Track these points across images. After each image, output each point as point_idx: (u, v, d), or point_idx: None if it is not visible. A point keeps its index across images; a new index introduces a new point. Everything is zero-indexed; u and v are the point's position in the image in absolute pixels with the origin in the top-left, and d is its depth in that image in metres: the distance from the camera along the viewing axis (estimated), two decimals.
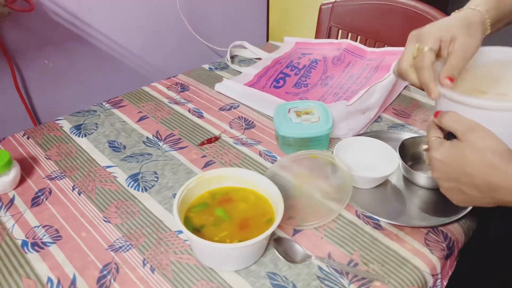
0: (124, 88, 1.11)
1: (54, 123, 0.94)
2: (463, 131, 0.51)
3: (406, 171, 0.76)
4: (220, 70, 1.16)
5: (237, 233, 0.60)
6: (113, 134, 0.90)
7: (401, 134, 0.87)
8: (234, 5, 1.59)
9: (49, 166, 0.81)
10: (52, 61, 1.19)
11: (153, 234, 0.67)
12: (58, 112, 1.11)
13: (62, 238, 0.66)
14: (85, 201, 0.73)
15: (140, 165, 0.81)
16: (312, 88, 1.02)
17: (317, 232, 0.67)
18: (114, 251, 0.64)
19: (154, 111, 0.98)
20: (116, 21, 1.29)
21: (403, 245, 0.65)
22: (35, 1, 1.09)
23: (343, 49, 1.12)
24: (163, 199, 0.73)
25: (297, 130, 0.81)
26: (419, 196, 0.74)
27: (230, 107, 1.00)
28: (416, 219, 0.69)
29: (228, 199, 0.66)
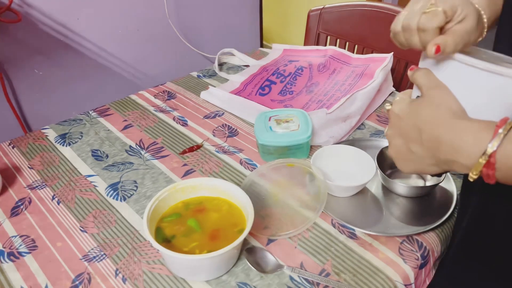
0: (114, 96, 1.12)
1: (40, 132, 0.95)
2: (427, 87, 0.49)
3: (384, 180, 0.76)
4: (208, 77, 1.17)
5: (207, 244, 0.60)
6: (97, 143, 0.91)
7: (382, 141, 0.87)
8: (226, 11, 1.60)
9: (31, 175, 0.82)
10: (41, 70, 1.21)
11: (128, 244, 0.67)
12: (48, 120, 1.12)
13: (37, 248, 0.67)
14: (64, 210, 0.74)
15: (120, 174, 0.82)
16: (297, 96, 1.02)
17: (291, 242, 0.67)
18: (87, 261, 0.64)
19: (139, 120, 0.98)
20: (105, 30, 1.31)
21: (377, 255, 0.65)
22: (23, 12, 1.10)
23: (329, 56, 1.12)
24: (140, 208, 0.74)
25: (276, 139, 0.81)
26: (397, 205, 0.74)
27: (214, 115, 1.00)
28: (392, 228, 0.69)
29: (202, 209, 0.66)
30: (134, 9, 1.34)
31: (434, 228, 0.69)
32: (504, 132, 0.40)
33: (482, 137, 0.41)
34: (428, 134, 0.47)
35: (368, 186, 0.77)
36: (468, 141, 0.43)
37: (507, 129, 0.40)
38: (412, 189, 0.74)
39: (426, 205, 0.74)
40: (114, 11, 1.30)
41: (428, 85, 0.50)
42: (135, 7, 1.34)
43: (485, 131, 0.42)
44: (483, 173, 0.42)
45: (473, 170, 0.42)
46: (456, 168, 0.45)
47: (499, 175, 0.41)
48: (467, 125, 0.44)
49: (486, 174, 0.42)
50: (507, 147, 0.40)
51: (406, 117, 0.50)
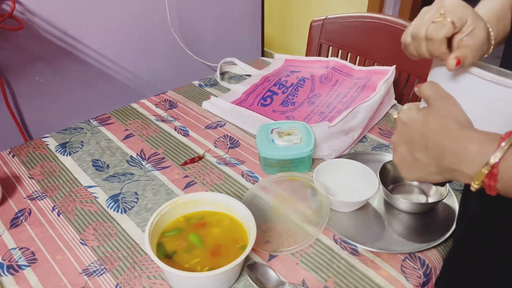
0: (115, 104, 1.11)
1: (40, 140, 0.94)
2: (434, 98, 0.50)
3: (386, 195, 0.75)
4: (209, 86, 1.17)
5: (208, 260, 0.60)
6: (97, 152, 0.90)
7: (384, 155, 0.86)
8: (228, 19, 1.60)
9: (31, 185, 0.81)
10: (42, 77, 1.20)
11: (128, 258, 0.67)
12: (48, 127, 1.12)
13: (37, 261, 0.66)
14: (64, 222, 0.73)
15: (121, 185, 0.81)
16: (298, 107, 1.02)
17: (293, 258, 0.67)
18: (87, 275, 0.64)
19: (140, 129, 0.98)
20: (107, 37, 1.30)
21: (379, 272, 0.64)
22: (25, 19, 1.10)
23: (331, 67, 1.12)
24: (141, 221, 0.73)
25: (279, 152, 0.81)
26: (399, 221, 0.74)
27: (216, 125, 1.00)
28: (394, 245, 0.69)
29: (203, 223, 0.65)
30: (137, 17, 1.34)
31: (436, 245, 0.68)
32: (507, 145, 0.41)
33: (486, 147, 0.42)
34: (434, 142, 0.47)
35: (370, 201, 0.77)
36: (472, 151, 0.43)
37: (511, 142, 0.41)
38: (414, 205, 0.73)
39: (428, 222, 0.73)
40: (117, 19, 1.30)
41: (435, 96, 0.51)
42: (137, 15, 1.34)
43: (489, 142, 0.42)
44: (485, 183, 0.43)
45: (475, 179, 0.43)
46: (459, 177, 0.46)
47: (501, 186, 0.42)
48: (473, 135, 0.45)
49: (487, 184, 0.42)
50: (509, 159, 0.41)
51: (413, 124, 0.51)
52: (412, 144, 0.51)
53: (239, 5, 1.60)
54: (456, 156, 0.45)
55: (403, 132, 0.52)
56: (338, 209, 0.75)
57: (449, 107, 0.49)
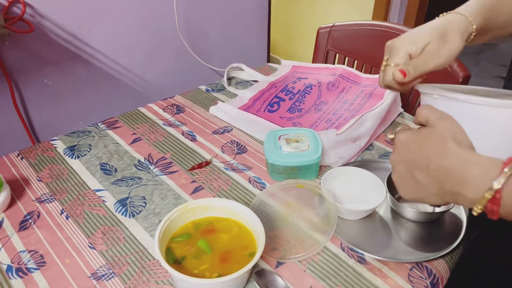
0: (123, 107, 1.12)
1: (48, 143, 0.95)
2: (433, 119, 0.51)
3: (393, 204, 0.76)
4: (216, 92, 1.17)
5: (217, 267, 0.60)
6: (105, 156, 0.91)
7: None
8: (235, 24, 1.61)
9: (40, 188, 0.82)
10: (51, 80, 1.21)
11: (137, 262, 0.67)
12: (56, 130, 1.13)
13: (46, 264, 0.66)
14: (72, 225, 0.74)
15: (129, 190, 0.82)
16: (305, 113, 1.03)
17: (301, 265, 0.67)
18: (96, 279, 0.64)
19: (148, 133, 0.99)
20: (116, 41, 1.31)
21: (386, 281, 0.65)
22: (35, 22, 1.11)
23: (338, 75, 1.12)
24: (149, 226, 0.74)
25: (286, 158, 0.81)
26: (406, 229, 0.74)
27: (223, 131, 1.00)
28: (401, 254, 0.69)
29: (212, 229, 0.66)
30: (145, 21, 1.35)
31: (443, 255, 0.69)
32: (510, 170, 0.41)
33: (489, 172, 0.43)
34: (436, 164, 0.47)
35: (377, 209, 0.77)
36: (476, 175, 0.44)
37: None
38: (421, 214, 0.74)
39: (436, 231, 0.74)
40: (125, 23, 1.31)
41: (434, 117, 0.51)
42: (146, 20, 1.35)
43: (492, 167, 0.43)
44: (487, 208, 0.43)
45: (478, 204, 0.43)
46: (461, 200, 0.46)
47: (503, 211, 0.42)
48: (476, 159, 0.45)
49: (490, 209, 0.43)
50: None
51: (412, 145, 0.51)
52: (412, 164, 0.51)
53: (246, 11, 1.61)
54: (459, 180, 0.45)
55: (402, 152, 0.52)
56: (345, 217, 0.75)
57: (449, 127, 0.49)
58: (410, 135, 0.52)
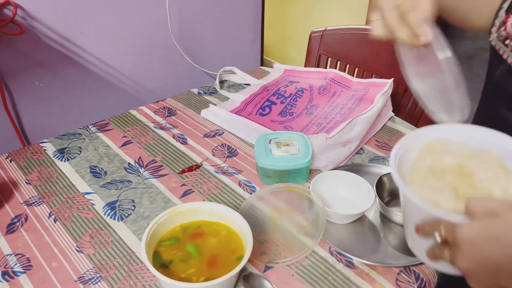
0: (115, 110, 1.12)
1: (38, 146, 0.94)
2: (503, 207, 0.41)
3: (382, 208, 0.76)
4: (208, 95, 1.17)
5: (204, 271, 0.60)
6: (95, 159, 0.91)
7: (382, 168, 0.87)
8: (228, 27, 1.61)
9: (28, 191, 0.81)
10: (42, 82, 1.21)
11: (124, 266, 0.67)
12: (47, 132, 1.12)
13: (32, 267, 0.66)
14: (60, 229, 0.73)
15: (118, 193, 0.81)
16: (296, 117, 1.03)
17: (289, 269, 0.67)
18: (83, 283, 0.64)
19: (138, 136, 0.98)
20: (108, 44, 1.31)
21: (374, 285, 0.65)
22: (26, 24, 1.10)
23: (330, 79, 1.13)
24: (138, 229, 0.74)
25: (276, 162, 0.81)
26: (395, 234, 0.74)
27: (214, 134, 1.00)
28: (389, 258, 0.69)
29: (200, 233, 0.66)
30: (138, 24, 1.35)
31: None
32: None
33: None
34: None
35: (366, 213, 0.77)
36: None
37: None
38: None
39: None
40: (118, 26, 1.30)
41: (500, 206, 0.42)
42: (138, 22, 1.35)
43: None
44: None
45: None
46: None
47: None
48: None
49: None
50: None
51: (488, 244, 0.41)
52: (495, 269, 0.42)
53: (240, 14, 1.62)
54: None
55: (477, 256, 0.42)
56: (334, 221, 0.75)
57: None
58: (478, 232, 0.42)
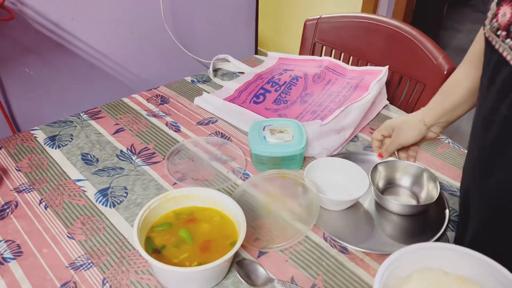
0: (106, 98, 1.10)
1: (29, 133, 0.93)
2: None
3: (377, 196, 0.75)
4: (202, 83, 1.16)
5: (197, 256, 0.59)
6: (87, 146, 0.89)
7: (375, 156, 0.86)
8: (222, 16, 1.59)
9: (19, 178, 0.80)
10: (32, 70, 1.19)
11: (116, 252, 0.66)
12: (38, 120, 1.11)
13: (23, 254, 0.65)
14: (51, 215, 0.72)
15: (110, 180, 0.80)
16: (291, 105, 1.02)
17: (283, 255, 0.66)
18: (74, 269, 0.63)
19: (131, 124, 0.97)
20: (100, 31, 1.29)
21: (368, 270, 0.64)
22: (15, 9, 1.08)
23: (324, 67, 1.12)
24: (130, 216, 0.73)
25: (270, 149, 0.81)
26: (389, 221, 0.74)
27: (208, 122, 0.99)
28: (382, 245, 0.69)
29: (193, 219, 0.65)
30: (130, 11, 1.33)
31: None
32: None
33: None
34: None
35: (361, 201, 0.77)
36: None
37: None
38: (405, 207, 0.74)
39: (418, 224, 0.73)
40: (110, 12, 1.28)
41: None
42: (131, 9, 1.33)
43: None
44: None
45: None
46: None
47: None
48: None
49: None
50: None
51: None
52: None
53: (234, 2, 1.60)
54: None
55: None
56: (328, 207, 0.75)
57: None
58: None
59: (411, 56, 1.09)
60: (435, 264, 0.54)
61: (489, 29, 0.54)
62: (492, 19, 0.53)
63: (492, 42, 0.53)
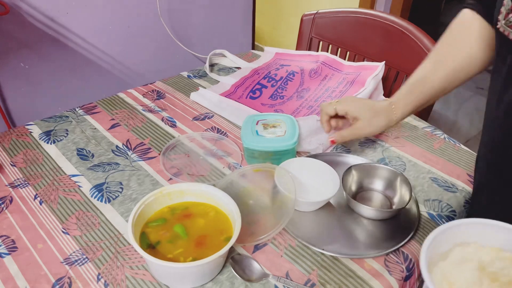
0: (102, 93, 1.10)
1: (24, 128, 0.92)
2: None
3: (348, 200, 0.73)
4: (198, 78, 1.16)
5: (192, 251, 0.59)
6: (82, 141, 0.89)
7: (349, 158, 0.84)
8: (219, 10, 1.59)
9: (14, 173, 0.80)
10: (27, 64, 1.18)
11: (111, 248, 0.66)
12: (34, 115, 1.10)
13: (17, 249, 0.65)
14: (46, 211, 0.72)
15: (106, 175, 0.80)
16: (287, 100, 1.02)
17: (278, 250, 0.67)
18: (69, 264, 0.63)
19: (127, 119, 0.97)
20: (95, 25, 1.28)
21: (362, 266, 0.65)
22: (10, 3, 1.07)
23: (321, 62, 1.11)
24: (125, 211, 0.73)
25: (261, 143, 0.80)
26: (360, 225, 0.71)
27: (204, 117, 0.99)
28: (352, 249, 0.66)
29: (188, 214, 0.65)
30: (126, 6, 1.32)
31: (419, 241, 0.69)
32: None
33: None
34: None
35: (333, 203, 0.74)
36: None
37: None
38: (375, 212, 0.71)
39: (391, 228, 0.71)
40: (105, 7, 1.28)
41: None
42: (126, 4, 1.32)
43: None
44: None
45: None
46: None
47: None
48: None
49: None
50: None
51: None
52: None
53: None
54: None
55: None
56: (298, 208, 0.73)
57: None
58: None
59: (408, 51, 1.09)
60: (472, 239, 0.56)
61: (504, 25, 0.57)
62: (508, 14, 0.56)
63: (509, 35, 0.57)
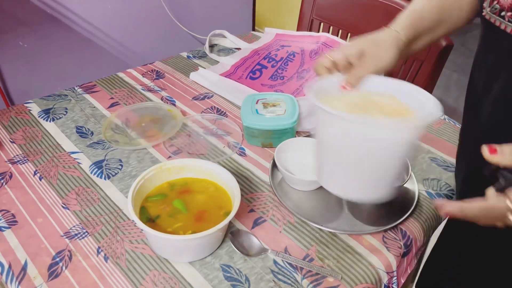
0: (101, 73, 1.09)
1: (23, 106, 0.92)
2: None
3: None
4: (198, 58, 1.15)
5: (192, 225, 0.59)
6: (82, 119, 0.89)
7: None
8: None
9: (13, 149, 0.80)
10: (26, 43, 1.17)
11: (111, 223, 0.66)
12: (32, 94, 1.09)
13: (17, 223, 0.65)
14: (46, 186, 0.72)
15: (105, 152, 0.80)
16: (288, 81, 1.02)
17: (276, 226, 0.67)
18: (69, 238, 0.63)
19: (126, 98, 0.97)
20: (95, 4, 1.27)
21: (361, 242, 0.65)
22: None
23: (321, 43, 1.11)
24: (124, 187, 0.73)
25: (261, 122, 0.80)
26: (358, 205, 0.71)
27: (203, 97, 0.99)
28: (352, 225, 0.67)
29: (187, 190, 0.65)
30: None
31: (417, 218, 0.69)
32: None
33: None
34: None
35: None
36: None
37: None
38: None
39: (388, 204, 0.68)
40: None
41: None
42: None
43: None
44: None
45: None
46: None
47: None
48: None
49: None
50: None
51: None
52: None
53: None
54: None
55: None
56: (297, 187, 0.73)
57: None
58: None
59: None
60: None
61: (489, 12, 0.57)
62: (493, 1, 0.56)
63: (495, 23, 0.56)
